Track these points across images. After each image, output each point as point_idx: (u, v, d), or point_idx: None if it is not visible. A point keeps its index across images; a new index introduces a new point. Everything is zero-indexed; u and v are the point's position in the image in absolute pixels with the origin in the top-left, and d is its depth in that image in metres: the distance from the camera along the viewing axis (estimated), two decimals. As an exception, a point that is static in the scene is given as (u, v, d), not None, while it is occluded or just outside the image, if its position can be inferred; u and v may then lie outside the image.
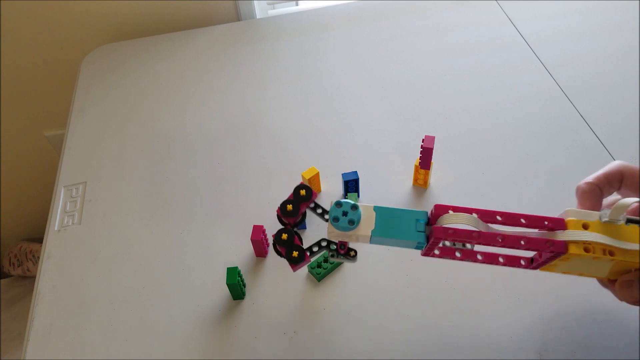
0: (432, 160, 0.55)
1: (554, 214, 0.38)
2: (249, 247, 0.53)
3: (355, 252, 0.41)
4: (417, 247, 0.38)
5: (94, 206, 0.60)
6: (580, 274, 0.39)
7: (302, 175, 0.56)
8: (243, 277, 0.50)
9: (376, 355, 0.45)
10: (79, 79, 0.78)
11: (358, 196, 0.56)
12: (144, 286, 0.52)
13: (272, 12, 0.94)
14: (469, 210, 0.37)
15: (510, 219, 0.36)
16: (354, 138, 0.64)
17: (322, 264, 0.50)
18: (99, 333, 0.49)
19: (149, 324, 0.49)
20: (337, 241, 0.41)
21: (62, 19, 0.85)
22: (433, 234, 0.36)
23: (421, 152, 0.54)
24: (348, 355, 0.45)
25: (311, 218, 0.55)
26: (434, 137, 0.54)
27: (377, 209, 0.38)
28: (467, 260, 0.38)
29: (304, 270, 0.51)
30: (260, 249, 0.52)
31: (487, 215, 0.36)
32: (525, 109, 0.65)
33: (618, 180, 0.38)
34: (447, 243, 0.38)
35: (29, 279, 1.15)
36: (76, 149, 0.67)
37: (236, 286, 0.48)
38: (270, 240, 0.53)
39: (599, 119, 0.63)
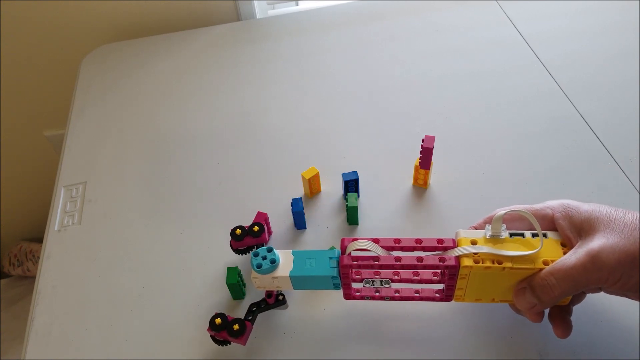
0: (432, 160, 0.55)
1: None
2: (249, 247, 0.53)
3: (283, 295, 0.46)
4: (334, 287, 0.42)
5: (94, 206, 0.60)
6: (492, 300, 0.43)
7: (302, 175, 0.56)
8: (243, 277, 0.50)
9: (376, 355, 0.45)
10: (79, 79, 0.78)
11: (358, 196, 0.56)
12: (144, 286, 0.52)
13: (272, 12, 0.95)
14: (370, 239, 0.41)
15: (408, 243, 0.41)
16: (354, 138, 0.64)
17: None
18: (99, 333, 0.49)
19: (149, 324, 0.49)
20: (264, 295, 0.45)
21: (62, 19, 0.85)
22: (340, 263, 0.41)
23: (421, 152, 0.54)
24: (348, 355, 0.45)
25: (311, 219, 0.55)
26: (434, 137, 0.54)
27: (295, 252, 0.43)
28: (386, 299, 0.43)
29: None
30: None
31: (387, 242, 0.41)
32: (525, 109, 0.65)
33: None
34: (368, 285, 0.42)
35: (29, 279, 1.15)
36: (76, 149, 0.67)
37: (236, 286, 0.48)
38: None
39: (599, 119, 0.62)
